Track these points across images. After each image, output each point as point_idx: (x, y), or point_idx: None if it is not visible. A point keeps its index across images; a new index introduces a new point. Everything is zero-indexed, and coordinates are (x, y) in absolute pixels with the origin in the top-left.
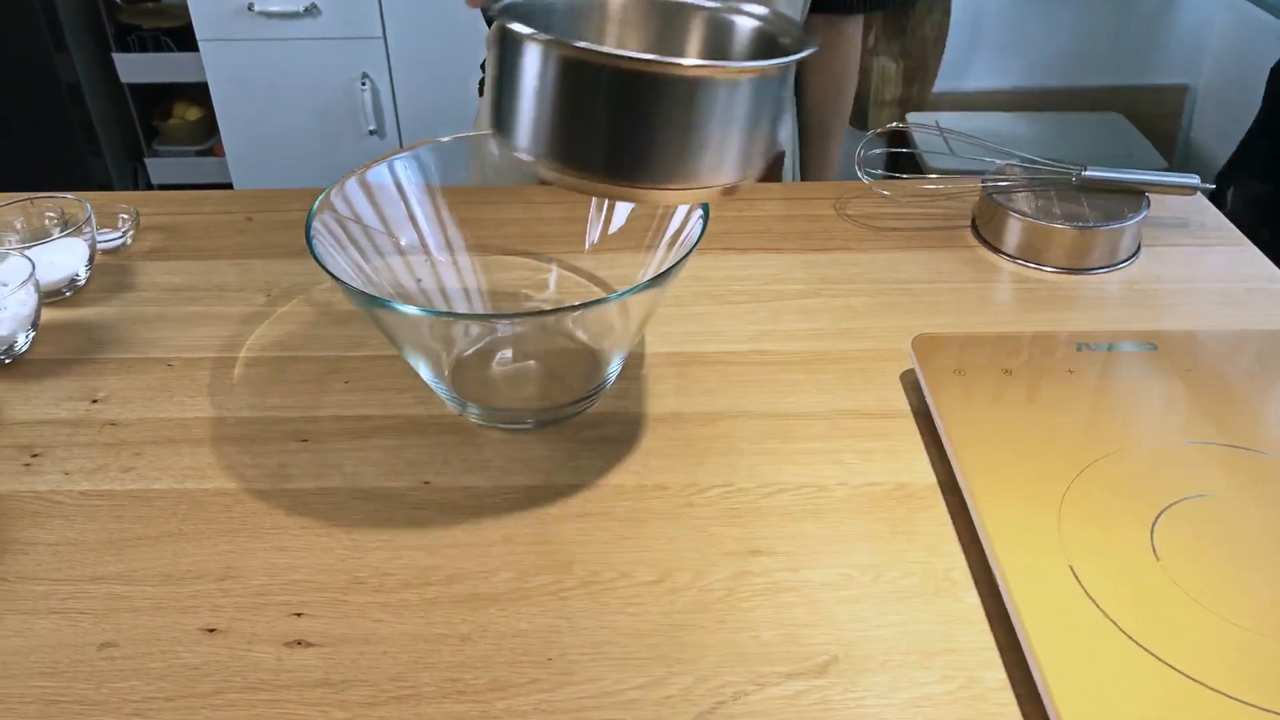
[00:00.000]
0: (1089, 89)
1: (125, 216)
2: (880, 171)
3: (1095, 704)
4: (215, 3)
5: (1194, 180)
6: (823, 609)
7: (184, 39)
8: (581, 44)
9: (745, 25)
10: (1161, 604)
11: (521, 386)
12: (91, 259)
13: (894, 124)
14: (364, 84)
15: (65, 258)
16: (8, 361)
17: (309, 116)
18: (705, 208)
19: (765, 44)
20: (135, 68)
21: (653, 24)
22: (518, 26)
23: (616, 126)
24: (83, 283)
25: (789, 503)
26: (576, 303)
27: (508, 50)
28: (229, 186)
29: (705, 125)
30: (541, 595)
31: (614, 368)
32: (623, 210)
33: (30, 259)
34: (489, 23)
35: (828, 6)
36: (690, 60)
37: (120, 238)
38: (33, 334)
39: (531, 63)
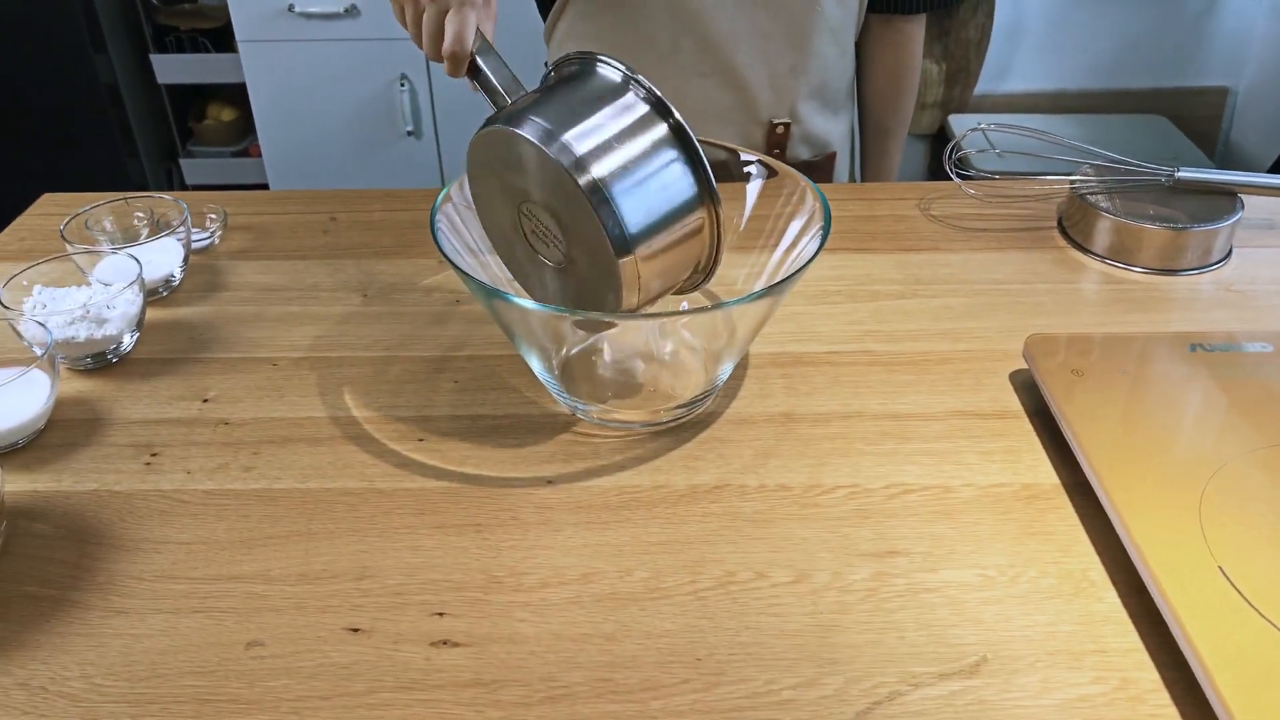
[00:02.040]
0: (1129, 91)
1: (213, 217)
2: (972, 171)
3: (1268, 707)
4: (255, 3)
5: None
6: (967, 609)
7: (220, 40)
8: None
9: None
10: None
11: (631, 386)
12: (186, 259)
13: (982, 125)
14: (403, 85)
15: (161, 257)
16: (115, 361)
17: (347, 117)
18: (827, 218)
19: None
20: (173, 69)
21: None
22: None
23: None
24: (177, 283)
25: (917, 503)
26: (688, 306)
27: (606, 88)
28: (265, 187)
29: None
30: (680, 595)
31: (724, 371)
32: (737, 216)
33: (136, 259)
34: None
35: (885, 6)
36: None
37: (208, 238)
38: (137, 334)
39: (635, 110)
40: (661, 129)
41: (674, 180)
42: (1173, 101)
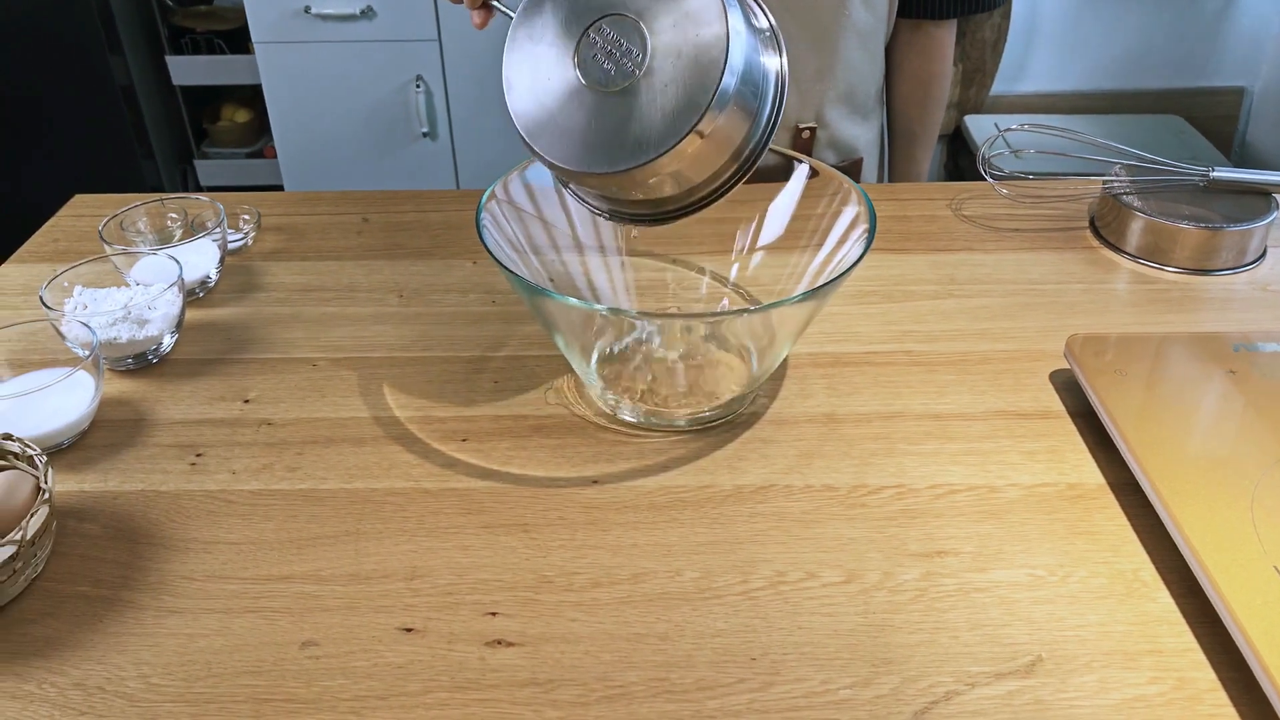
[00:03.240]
0: (1145, 91)
1: (246, 218)
2: (1004, 172)
3: None
4: (271, 5)
5: None
6: (1018, 609)
7: (235, 41)
8: None
9: None
10: None
11: (672, 386)
12: (221, 260)
13: (1015, 126)
14: (418, 86)
15: (198, 258)
16: (155, 361)
17: (362, 119)
18: (873, 221)
19: None
20: (188, 70)
21: None
22: None
23: None
24: (213, 284)
25: (964, 503)
26: (733, 307)
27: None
28: (280, 189)
29: None
30: (731, 595)
31: (765, 371)
32: (778, 218)
33: (177, 260)
34: None
35: (914, 11)
36: None
37: (242, 239)
38: (177, 335)
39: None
40: (776, 62)
41: (763, 82)
42: (1188, 102)
